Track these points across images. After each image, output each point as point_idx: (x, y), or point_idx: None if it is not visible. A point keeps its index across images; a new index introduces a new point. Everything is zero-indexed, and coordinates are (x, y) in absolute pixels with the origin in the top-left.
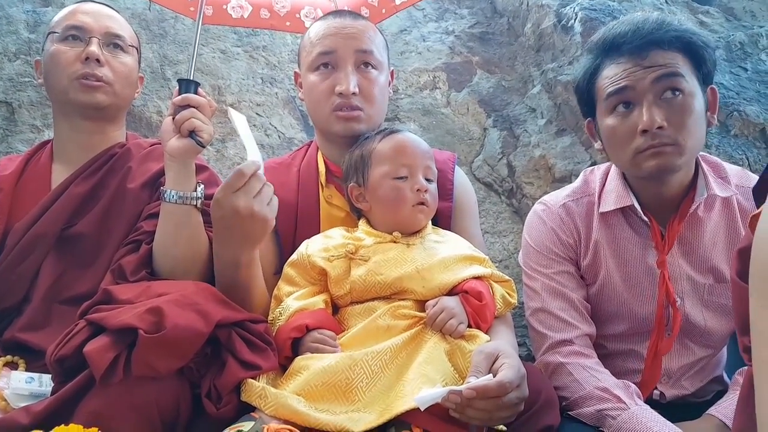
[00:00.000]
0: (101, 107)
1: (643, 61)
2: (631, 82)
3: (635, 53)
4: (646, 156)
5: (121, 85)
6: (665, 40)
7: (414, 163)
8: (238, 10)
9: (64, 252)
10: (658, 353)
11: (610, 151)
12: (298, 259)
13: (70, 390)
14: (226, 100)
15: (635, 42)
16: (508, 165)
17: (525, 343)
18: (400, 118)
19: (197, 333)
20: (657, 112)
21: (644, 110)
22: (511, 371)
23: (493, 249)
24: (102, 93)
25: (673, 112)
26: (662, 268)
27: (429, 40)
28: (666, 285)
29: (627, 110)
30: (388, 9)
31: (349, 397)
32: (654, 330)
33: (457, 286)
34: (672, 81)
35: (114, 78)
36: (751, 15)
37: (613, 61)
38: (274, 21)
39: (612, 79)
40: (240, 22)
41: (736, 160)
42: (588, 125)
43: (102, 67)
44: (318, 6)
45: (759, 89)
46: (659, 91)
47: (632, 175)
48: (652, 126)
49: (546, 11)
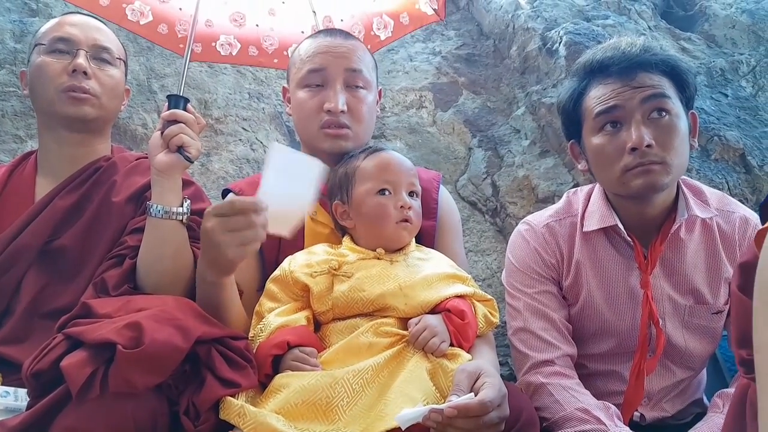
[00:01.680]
0: (87, 120)
1: (631, 82)
2: (620, 101)
3: (623, 74)
4: (634, 174)
5: (107, 97)
6: (652, 63)
7: (398, 180)
8: (226, 47)
9: (47, 265)
10: (640, 374)
11: (597, 170)
12: (281, 275)
13: (46, 405)
14: (212, 115)
15: (623, 64)
16: (492, 184)
17: (507, 363)
18: (386, 136)
19: (176, 349)
20: (645, 131)
21: (633, 129)
22: (492, 390)
23: (477, 268)
24: (89, 106)
25: (660, 132)
26: (646, 288)
27: (416, 60)
28: (649, 305)
29: (615, 129)
30: (374, 45)
31: (330, 416)
32: (638, 350)
33: (440, 304)
34: (660, 102)
35: (101, 91)
36: (732, 42)
37: (601, 82)
38: (262, 58)
39: (600, 99)
40: (228, 59)
41: (717, 184)
42: (571, 147)
43: (89, 80)
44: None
45: (739, 115)
46: (647, 111)
47: (619, 193)
48: (642, 144)
49: (531, 35)
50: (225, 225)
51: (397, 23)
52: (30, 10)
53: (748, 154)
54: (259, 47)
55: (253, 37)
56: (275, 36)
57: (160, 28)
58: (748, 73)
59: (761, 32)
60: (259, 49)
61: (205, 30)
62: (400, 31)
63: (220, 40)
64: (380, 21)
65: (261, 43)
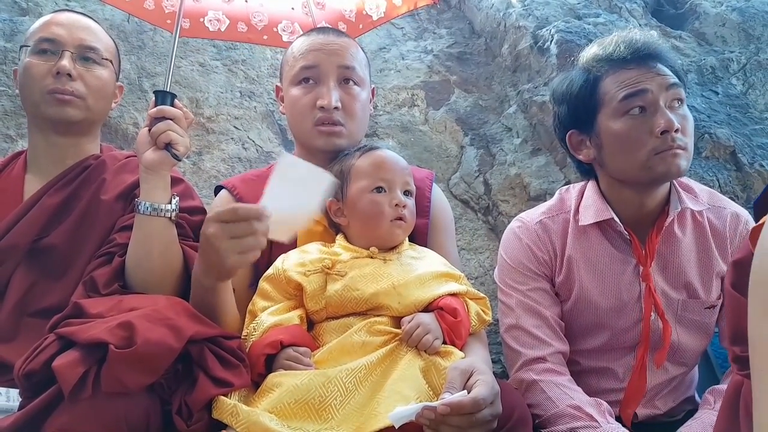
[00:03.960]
0: (73, 122)
1: (653, 69)
2: (648, 85)
3: (645, 61)
4: (662, 157)
5: (94, 98)
6: (664, 55)
7: (392, 179)
8: (215, 23)
9: (36, 263)
10: (643, 368)
11: (617, 154)
12: (274, 274)
13: (38, 405)
14: (204, 113)
15: (643, 51)
16: (484, 183)
17: (500, 360)
18: (378, 135)
19: (168, 348)
20: (672, 116)
21: (660, 113)
22: (485, 388)
23: (469, 266)
24: (73, 108)
25: (681, 119)
26: (647, 281)
27: (408, 58)
28: (653, 297)
29: (641, 113)
30: (365, 24)
31: (323, 415)
32: (641, 344)
33: (433, 302)
34: (679, 91)
35: (86, 92)
36: (723, 40)
37: (622, 67)
38: (251, 34)
39: (625, 83)
40: (217, 35)
41: (707, 182)
42: (570, 137)
43: (73, 82)
44: (295, 20)
45: (729, 112)
46: (670, 98)
47: (637, 179)
48: (673, 127)
49: (523, 33)
50: (227, 232)
51: (390, 4)
52: (20, 9)
53: (738, 152)
54: (248, 23)
55: (242, 13)
56: (264, 12)
57: (146, 3)
58: (738, 71)
59: (751, 30)
60: (248, 26)
61: (193, 5)
62: (393, 11)
63: (208, 15)
64: (372, 0)
65: (250, 20)
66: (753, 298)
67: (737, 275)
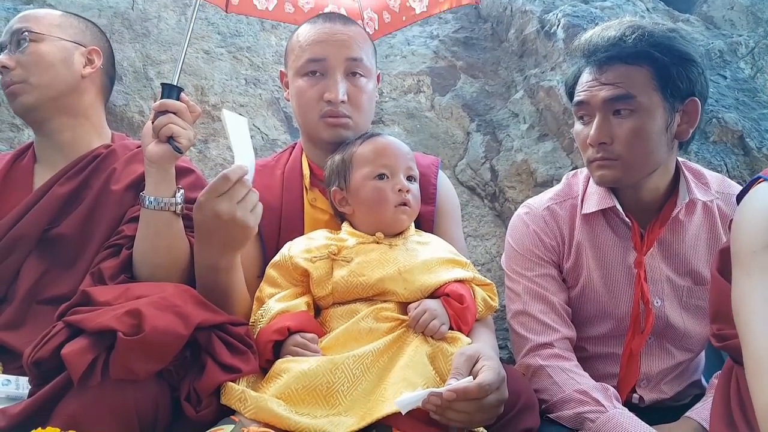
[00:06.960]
0: (29, 109)
1: (600, 77)
2: (586, 97)
3: (598, 66)
4: (593, 167)
5: (37, 75)
6: (631, 54)
7: (395, 164)
8: (263, 2)
9: (46, 252)
10: (633, 353)
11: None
12: (281, 261)
13: (48, 393)
14: (209, 101)
15: (599, 53)
16: (491, 169)
17: (506, 346)
18: (384, 121)
19: (177, 335)
20: (605, 128)
21: (594, 125)
22: (491, 373)
23: (476, 252)
24: (21, 95)
25: (620, 130)
26: (639, 268)
27: (414, 44)
28: (641, 284)
29: (584, 122)
30: (408, 17)
31: (330, 401)
32: (629, 329)
33: (439, 288)
34: (620, 104)
35: (25, 74)
36: (731, 24)
37: (585, 69)
38: (298, 16)
39: (578, 90)
40: (264, 14)
41: (715, 167)
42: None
43: (12, 71)
44: (342, 5)
45: (738, 97)
46: (609, 109)
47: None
48: (594, 142)
49: (529, 17)
50: (232, 198)
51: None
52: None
53: (746, 136)
54: (295, 5)
55: None
56: None
57: None
58: (746, 55)
59: (760, 13)
60: (295, 7)
61: None
62: (435, 7)
63: None
64: None
65: (297, 1)
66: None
67: (722, 262)
